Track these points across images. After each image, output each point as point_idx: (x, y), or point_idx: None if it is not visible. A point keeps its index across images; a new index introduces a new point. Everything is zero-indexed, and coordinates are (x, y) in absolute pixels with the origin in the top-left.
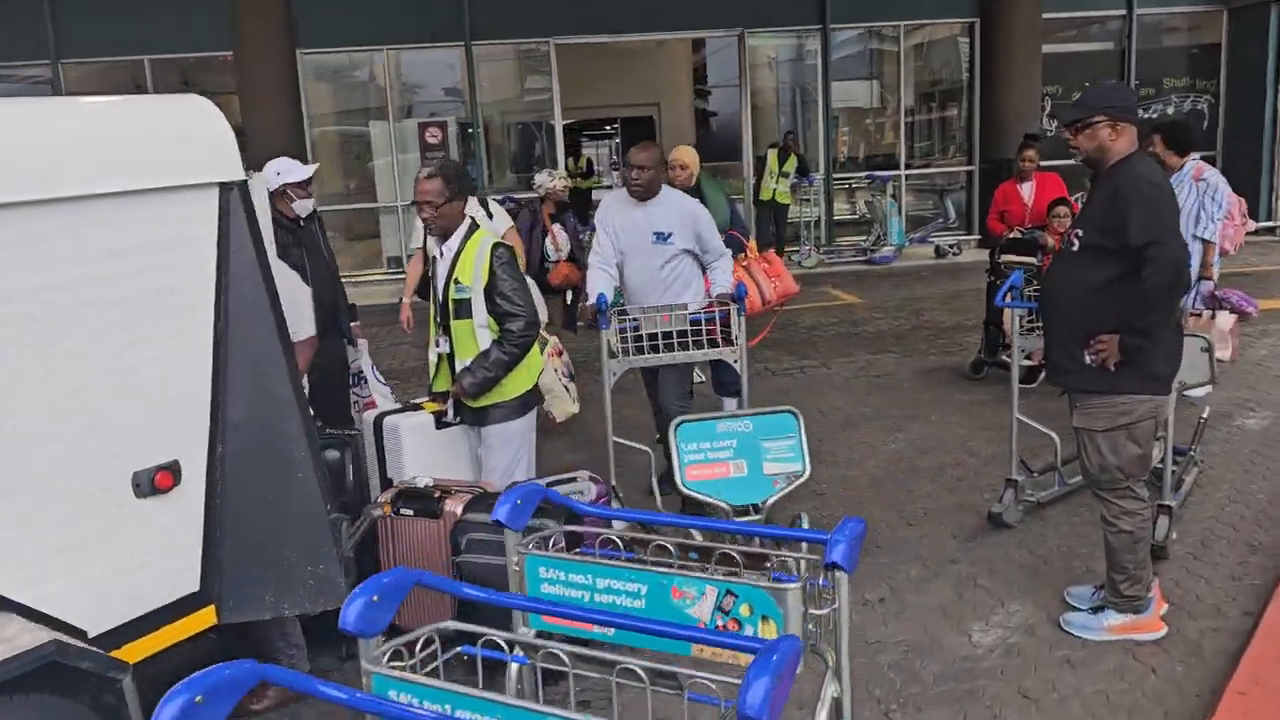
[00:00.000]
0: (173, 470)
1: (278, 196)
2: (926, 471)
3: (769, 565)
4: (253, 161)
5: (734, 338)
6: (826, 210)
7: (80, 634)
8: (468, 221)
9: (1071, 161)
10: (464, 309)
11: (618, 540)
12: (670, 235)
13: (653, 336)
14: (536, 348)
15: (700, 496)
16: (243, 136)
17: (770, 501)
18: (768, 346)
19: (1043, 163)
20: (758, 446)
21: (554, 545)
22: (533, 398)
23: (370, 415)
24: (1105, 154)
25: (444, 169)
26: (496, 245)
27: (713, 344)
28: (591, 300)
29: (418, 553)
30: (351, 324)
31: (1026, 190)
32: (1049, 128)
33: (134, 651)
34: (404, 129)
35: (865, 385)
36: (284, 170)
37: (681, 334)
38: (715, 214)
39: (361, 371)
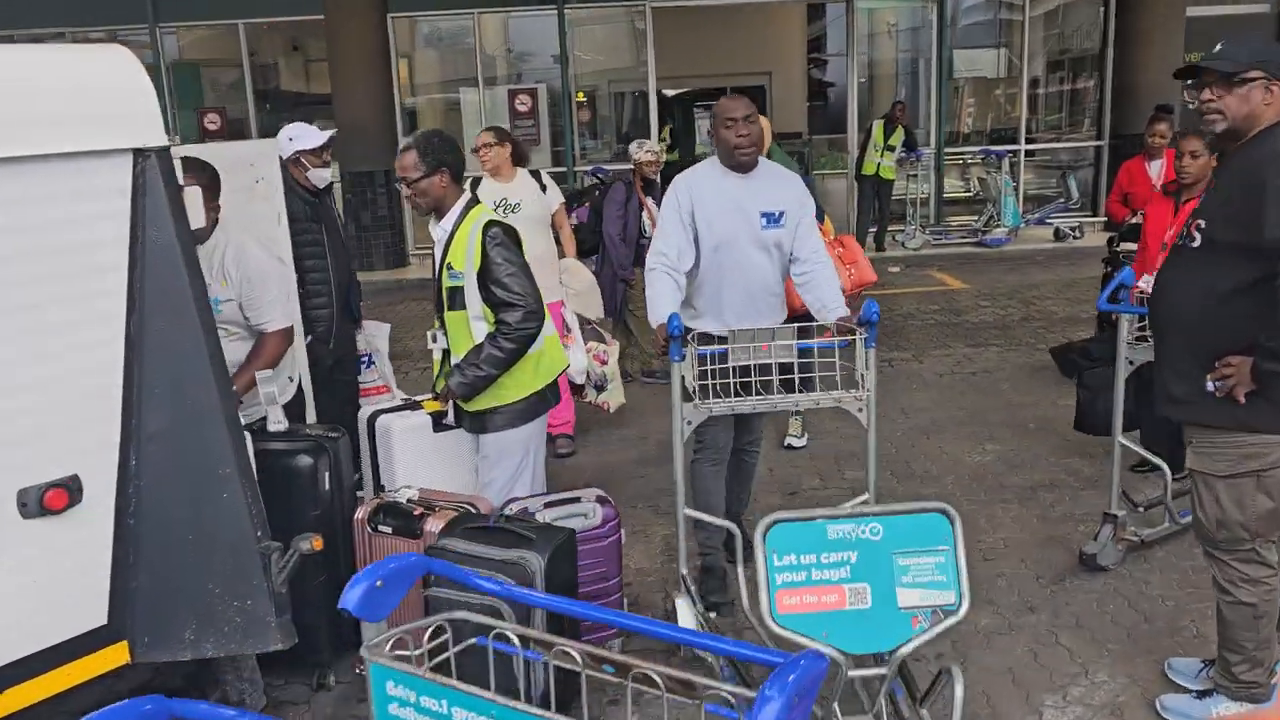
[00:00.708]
0: (68, 487)
1: (292, 165)
2: (1015, 492)
3: (697, 697)
4: (341, 129)
5: (860, 379)
6: (936, 187)
7: None
8: (464, 199)
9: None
10: (457, 298)
11: (513, 637)
12: (782, 216)
13: (744, 371)
14: (555, 342)
15: (798, 638)
16: (327, 104)
17: (908, 649)
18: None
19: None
20: (889, 563)
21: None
22: (541, 402)
23: (366, 411)
24: (1252, 122)
25: (418, 140)
26: (490, 224)
27: (828, 386)
28: (661, 319)
29: None
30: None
31: (1155, 169)
32: (1191, 100)
33: (33, 691)
34: (494, 96)
35: (959, 383)
36: (297, 135)
37: (786, 369)
38: None
39: (371, 356)
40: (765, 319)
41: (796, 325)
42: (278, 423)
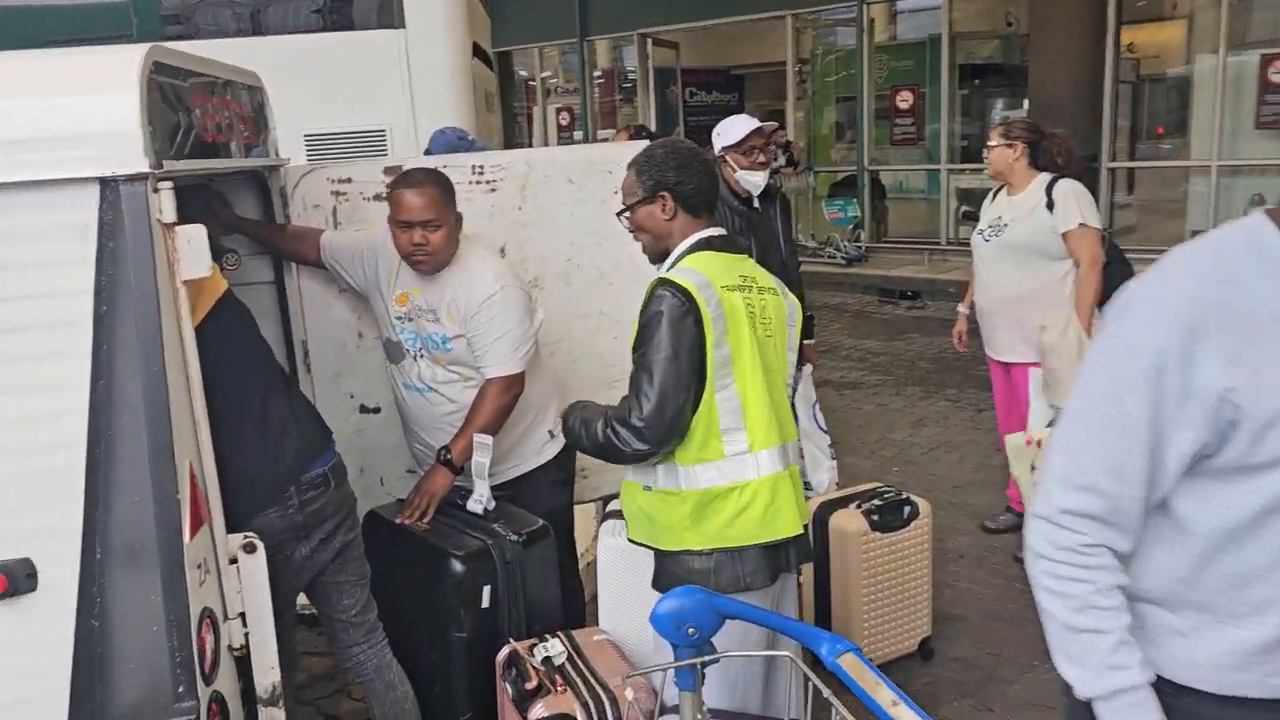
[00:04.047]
0: (6, 572)
1: (722, 165)
2: None
3: None
4: (1035, 109)
5: None
6: None
7: None
8: (692, 239)
9: None
10: None
11: None
12: None
13: None
14: (785, 488)
15: None
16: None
17: None
18: None
19: None
20: None
21: None
22: (715, 571)
23: None
24: None
25: (639, 155)
26: (662, 283)
27: None
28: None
29: None
30: (805, 342)
31: None
32: None
33: None
34: (1240, 66)
35: None
36: (724, 130)
37: None
38: None
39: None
40: None
41: None
42: (478, 501)
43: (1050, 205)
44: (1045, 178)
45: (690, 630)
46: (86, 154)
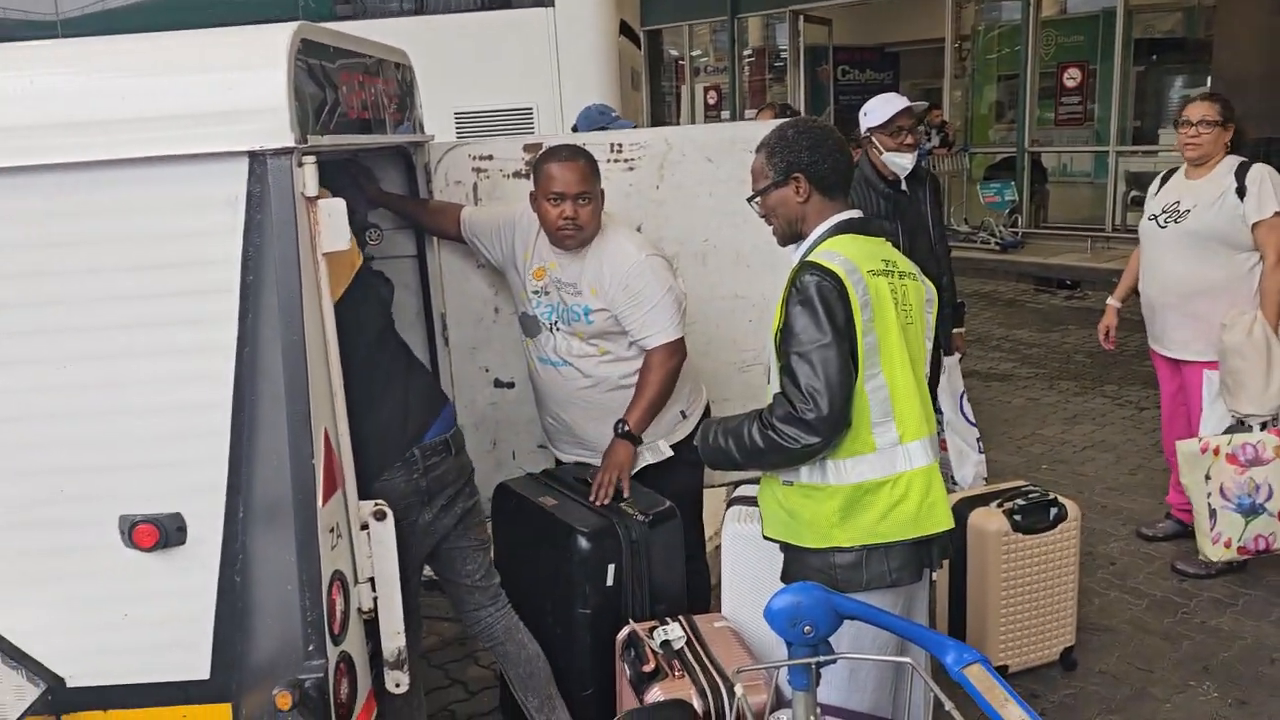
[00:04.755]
0: (162, 525)
1: (868, 147)
2: None
3: None
4: (1222, 83)
5: None
6: None
7: (58, 680)
8: (831, 222)
9: None
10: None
11: None
12: None
13: None
14: (920, 480)
15: None
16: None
17: None
18: None
19: None
20: None
21: None
22: (858, 569)
23: None
24: None
25: (770, 135)
26: (807, 266)
27: None
28: None
29: None
30: (954, 330)
31: None
32: None
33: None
34: None
35: None
36: (871, 110)
37: None
38: None
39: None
40: None
41: None
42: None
43: (1241, 191)
44: (1233, 161)
45: (806, 629)
46: (236, 129)
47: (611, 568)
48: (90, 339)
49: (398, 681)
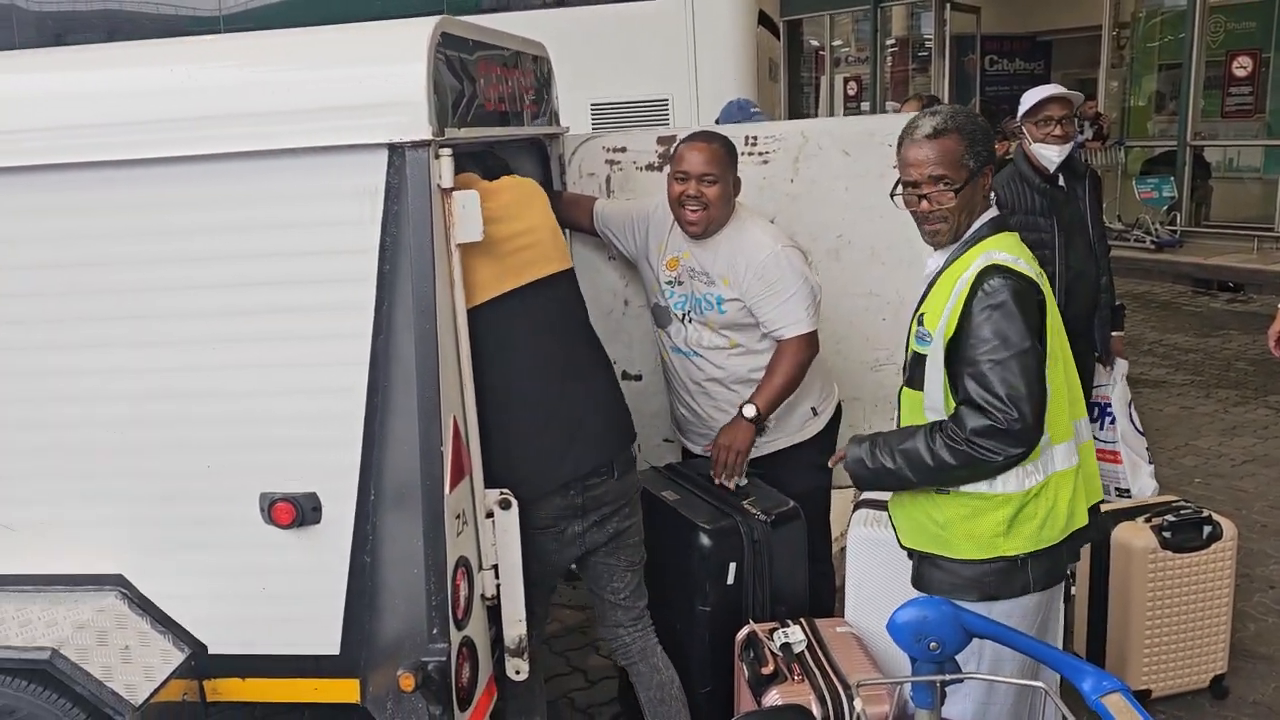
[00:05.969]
0: (299, 503)
1: (1021, 139)
2: None
3: None
4: None
5: None
6: None
7: (200, 646)
8: (989, 215)
9: None
10: (918, 371)
11: None
12: None
13: None
14: (1067, 481)
15: None
16: None
17: None
18: None
19: None
20: None
21: None
22: (1010, 577)
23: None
24: None
25: (956, 117)
26: (993, 269)
27: None
28: None
29: None
30: (1113, 334)
31: None
32: None
33: (255, 689)
34: None
35: None
36: (1024, 99)
37: None
38: None
39: (1109, 405)
40: None
41: None
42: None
43: None
44: None
45: (932, 645)
46: (376, 121)
47: (733, 566)
48: (237, 322)
49: (518, 669)
